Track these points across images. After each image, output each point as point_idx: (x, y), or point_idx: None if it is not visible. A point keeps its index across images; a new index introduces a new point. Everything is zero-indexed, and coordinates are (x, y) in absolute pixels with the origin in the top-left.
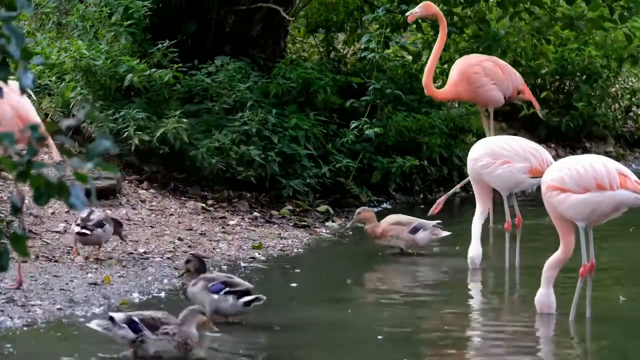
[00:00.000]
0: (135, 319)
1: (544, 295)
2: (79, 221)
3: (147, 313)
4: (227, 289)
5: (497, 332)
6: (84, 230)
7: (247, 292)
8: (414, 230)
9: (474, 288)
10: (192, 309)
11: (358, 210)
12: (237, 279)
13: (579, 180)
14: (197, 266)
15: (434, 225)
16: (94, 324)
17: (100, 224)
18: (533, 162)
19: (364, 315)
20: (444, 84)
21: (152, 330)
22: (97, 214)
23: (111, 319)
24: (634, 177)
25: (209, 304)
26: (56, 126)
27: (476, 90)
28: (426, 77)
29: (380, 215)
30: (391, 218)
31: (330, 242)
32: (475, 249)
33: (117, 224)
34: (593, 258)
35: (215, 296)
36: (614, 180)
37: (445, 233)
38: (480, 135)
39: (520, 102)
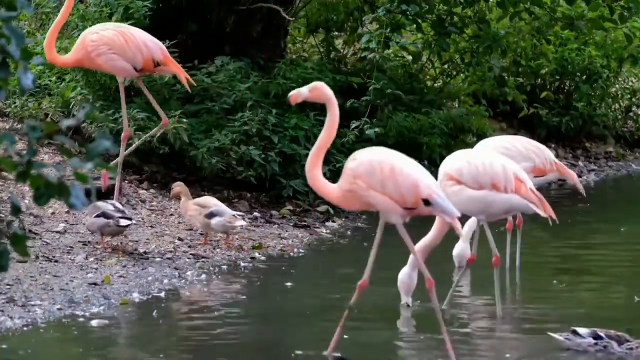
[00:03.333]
0: (601, 333)
1: (407, 276)
2: (118, 214)
3: (612, 331)
4: None
5: (497, 331)
6: (127, 222)
7: None
8: (210, 215)
9: (474, 288)
10: None
11: (173, 185)
12: None
13: (476, 176)
14: None
15: (233, 215)
16: (556, 335)
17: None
18: (536, 162)
19: (365, 315)
20: (444, 83)
21: (618, 344)
22: (120, 206)
23: (574, 332)
24: (530, 184)
25: None
26: (56, 126)
27: (96, 58)
28: (47, 42)
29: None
30: (200, 199)
31: (330, 242)
32: (460, 249)
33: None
34: (495, 251)
35: None
36: (509, 183)
37: (242, 222)
38: (481, 135)
39: (167, 74)
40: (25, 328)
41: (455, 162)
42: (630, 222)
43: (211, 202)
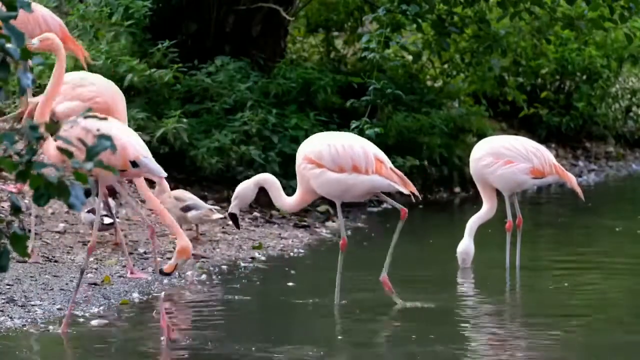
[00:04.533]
0: None
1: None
2: (103, 212)
3: None
4: None
5: (498, 330)
6: (110, 221)
7: None
8: (186, 209)
9: (474, 287)
10: None
11: None
12: None
13: (336, 158)
14: None
15: (210, 209)
16: None
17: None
18: (535, 163)
19: (363, 317)
20: (444, 83)
21: None
22: (111, 203)
23: None
24: (389, 164)
25: None
26: (56, 126)
27: None
28: None
29: (379, 215)
30: (175, 192)
31: (330, 242)
32: (465, 245)
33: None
34: (344, 234)
35: None
36: (370, 164)
37: (219, 215)
38: (481, 135)
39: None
40: (25, 328)
41: (314, 145)
42: (630, 222)
43: (187, 195)
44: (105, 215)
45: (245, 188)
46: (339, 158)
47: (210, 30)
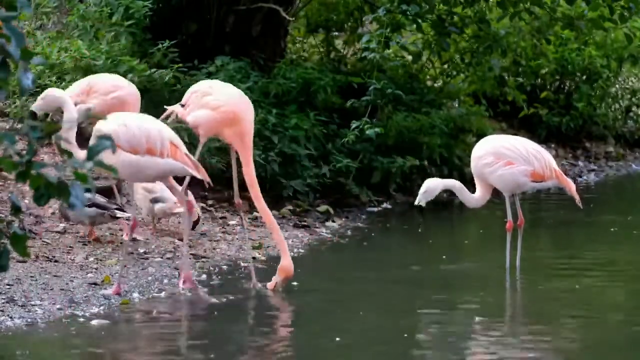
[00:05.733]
0: None
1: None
2: (113, 206)
3: None
4: None
5: (497, 330)
6: (126, 215)
7: None
8: (154, 201)
9: (474, 287)
10: None
11: None
12: None
13: (131, 139)
14: None
15: (175, 203)
16: None
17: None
18: (536, 166)
19: (363, 317)
20: (444, 83)
21: None
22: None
23: None
24: (184, 149)
25: None
26: (56, 126)
27: None
28: None
29: (379, 215)
30: (147, 183)
31: (331, 242)
32: (436, 181)
33: None
34: (134, 214)
35: None
36: (165, 148)
37: (180, 209)
38: (481, 135)
39: None
40: (25, 328)
41: (111, 124)
42: (630, 222)
43: (157, 187)
44: (117, 209)
45: (55, 98)
46: (134, 139)
47: (210, 30)
